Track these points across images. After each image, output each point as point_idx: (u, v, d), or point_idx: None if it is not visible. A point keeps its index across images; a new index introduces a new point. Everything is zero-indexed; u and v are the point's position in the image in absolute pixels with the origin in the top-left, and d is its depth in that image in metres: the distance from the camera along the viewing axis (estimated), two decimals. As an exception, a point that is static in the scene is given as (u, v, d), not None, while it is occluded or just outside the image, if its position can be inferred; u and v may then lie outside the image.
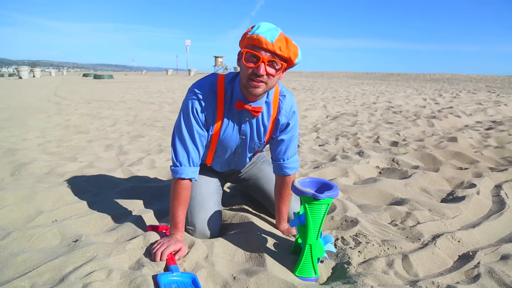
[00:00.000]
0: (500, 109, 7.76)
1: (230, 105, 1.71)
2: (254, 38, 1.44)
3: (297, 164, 1.90)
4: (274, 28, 1.47)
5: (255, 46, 1.47)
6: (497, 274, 1.53)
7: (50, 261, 1.57)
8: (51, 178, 2.90)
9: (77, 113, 7.38)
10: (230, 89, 1.70)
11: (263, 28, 1.45)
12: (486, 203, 2.43)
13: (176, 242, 1.65)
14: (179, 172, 1.71)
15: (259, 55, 1.46)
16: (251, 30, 1.47)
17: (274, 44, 1.44)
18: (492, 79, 26.99)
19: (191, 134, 1.70)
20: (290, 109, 1.78)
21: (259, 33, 1.44)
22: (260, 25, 1.47)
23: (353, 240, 1.85)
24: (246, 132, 1.79)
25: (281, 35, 1.47)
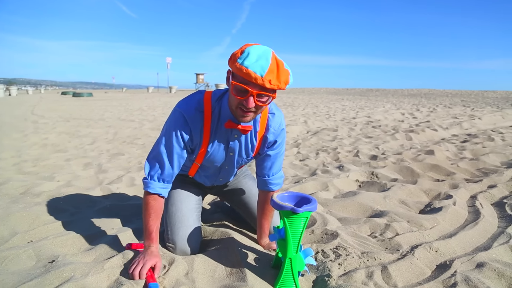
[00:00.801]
0: (474, 122, 8.01)
1: (218, 124, 1.68)
2: (243, 72, 1.36)
3: (282, 180, 1.90)
4: (264, 57, 1.38)
5: (244, 80, 1.40)
6: (472, 282, 1.56)
7: (24, 283, 1.52)
8: (26, 198, 2.83)
9: (55, 132, 7.25)
10: (218, 107, 1.67)
11: (253, 58, 1.37)
12: (462, 214, 2.49)
13: (151, 257, 1.62)
14: (147, 185, 1.69)
15: (248, 89, 1.40)
16: (240, 58, 1.38)
17: (264, 79, 1.37)
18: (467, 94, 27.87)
19: (170, 154, 1.67)
20: (279, 127, 1.76)
21: (248, 66, 1.36)
22: (250, 52, 1.38)
23: (333, 253, 1.86)
24: (234, 149, 1.78)
25: (272, 64, 1.39)
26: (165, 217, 1.95)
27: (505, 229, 2.18)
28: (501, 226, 2.29)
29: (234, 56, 1.41)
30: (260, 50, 1.40)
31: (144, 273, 1.57)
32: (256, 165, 1.89)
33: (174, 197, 1.97)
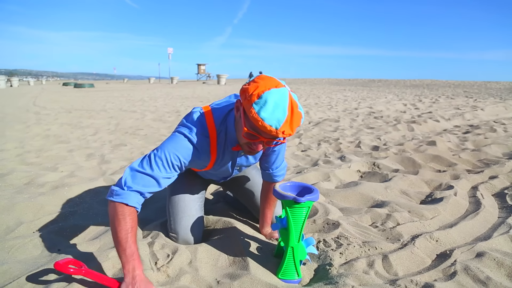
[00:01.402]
0: (477, 113, 7.99)
1: (225, 147, 1.64)
2: (259, 124, 1.30)
3: (285, 170, 1.91)
4: (281, 107, 1.30)
5: (257, 129, 1.35)
6: (472, 271, 1.58)
7: (31, 271, 1.55)
8: (31, 188, 2.86)
9: (57, 123, 7.27)
10: (224, 131, 1.61)
11: (270, 107, 1.29)
12: (463, 204, 2.50)
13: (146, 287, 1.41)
14: (122, 195, 1.45)
15: (260, 137, 1.38)
16: (257, 104, 1.29)
17: (278, 131, 1.32)
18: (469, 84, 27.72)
19: (165, 176, 1.53)
20: None
21: (265, 119, 1.29)
22: (268, 100, 1.29)
23: (334, 242, 1.88)
24: (241, 163, 1.80)
25: (288, 117, 1.32)
26: (168, 207, 1.97)
27: (505, 220, 2.19)
28: (501, 216, 2.31)
29: (250, 97, 1.32)
30: (278, 97, 1.31)
31: None
32: (260, 161, 1.87)
33: (176, 186, 1.98)
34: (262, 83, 1.33)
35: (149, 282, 1.43)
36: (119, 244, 1.43)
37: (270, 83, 1.34)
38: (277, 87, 1.33)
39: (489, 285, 1.50)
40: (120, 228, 1.43)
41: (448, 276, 1.58)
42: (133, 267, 1.41)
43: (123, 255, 1.43)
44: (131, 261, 1.42)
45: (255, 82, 1.35)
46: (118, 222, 1.43)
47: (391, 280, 1.55)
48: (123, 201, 1.44)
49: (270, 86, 1.32)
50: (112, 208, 1.45)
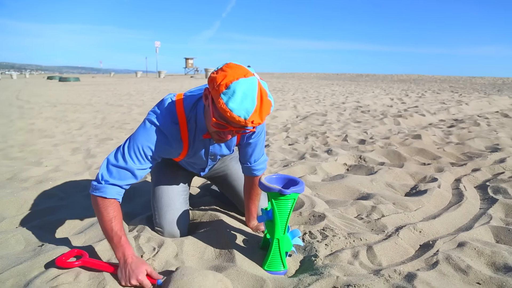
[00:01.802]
0: (461, 108, 8.11)
1: (196, 134, 1.63)
2: (228, 115, 1.28)
3: (265, 164, 1.89)
4: (250, 97, 1.28)
5: (226, 119, 1.33)
6: (453, 260, 1.62)
7: (13, 266, 1.53)
8: (13, 183, 2.82)
9: (41, 117, 7.16)
10: (193, 118, 1.59)
11: (238, 98, 1.26)
12: (446, 196, 2.55)
13: (138, 266, 1.42)
14: (101, 189, 1.49)
15: (229, 127, 1.37)
16: (225, 94, 1.27)
17: (247, 121, 1.30)
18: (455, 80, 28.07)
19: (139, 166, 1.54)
20: None
21: (233, 110, 1.27)
22: (236, 91, 1.26)
23: (320, 234, 1.90)
24: (214, 152, 1.78)
25: (257, 106, 1.30)
26: (152, 201, 1.97)
27: (486, 211, 2.24)
28: (483, 207, 2.36)
29: (218, 87, 1.28)
30: (246, 87, 1.28)
31: (145, 279, 1.41)
32: (239, 154, 1.86)
33: (160, 180, 1.97)
34: (230, 72, 1.29)
35: (142, 262, 1.46)
36: (106, 234, 1.50)
37: (239, 72, 1.30)
38: (245, 76, 1.29)
39: (469, 274, 1.54)
40: (104, 219, 1.49)
41: (430, 266, 1.61)
42: (122, 253, 1.46)
43: (112, 243, 1.49)
44: (120, 248, 1.47)
45: (223, 71, 1.31)
46: (101, 214, 1.50)
47: (375, 270, 1.58)
48: (102, 195, 1.49)
49: (238, 76, 1.28)
50: (94, 201, 1.52)
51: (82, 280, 1.43)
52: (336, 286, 1.43)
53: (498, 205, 2.33)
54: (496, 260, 1.66)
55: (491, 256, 1.68)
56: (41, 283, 1.40)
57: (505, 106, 8.79)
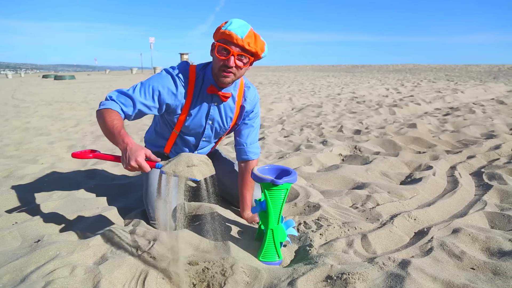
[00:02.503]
0: (457, 96, 8.13)
1: (201, 89, 1.83)
2: (226, 34, 1.59)
3: (259, 151, 2.03)
4: (244, 25, 1.62)
5: (226, 41, 1.62)
6: (448, 246, 1.63)
7: (10, 262, 1.53)
8: (10, 181, 2.81)
9: (37, 115, 7.13)
10: (202, 75, 1.83)
11: (235, 25, 1.60)
12: (441, 183, 2.56)
13: (137, 149, 1.45)
14: (105, 104, 1.66)
15: (230, 49, 1.62)
16: (224, 26, 1.62)
17: (243, 40, 1.60)
18: (451, 68, 28.08)
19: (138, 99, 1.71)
20: (254, 98, 1.97)
21: (231, 29, 1.59)
22: (233, 21, 1.62)
23: (315, 224, 1.91)
24: (213, 116, 1.91)
25: (251, 32, 1.63)
26: (144, 198, 1.99)
27: (481, 197, 2.25)
28: (477, 194, 2.37)
29: (219, 27, 1.65)
30: (241, 22, 1.63)
31: (143, 161, 1.43)
32: (235, 135, 2.03)
33: (150, 178, 2.00)
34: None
35: (141, 147, 1.47)
36: (108, 131, 1.57)
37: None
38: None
39: (464, 259, 1.55)
40: (106, 121, 1.58)
41: (424, 253, 1.63)
42: (123, 140, 1.50)
43: (113, 137, 1.54)
44: (120, 137, 1.51)
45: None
46: (104, 118, 1.59)
47: (369, 258, 1.59)
48: (105, 107, 1.64)
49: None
50: (99, 115, 1.64)
51: (77, 274, 1.43)
52: (330, 274, 1.43)
53: (493, 191, 2.34)
54: (491, 245, 1.67)
55: (485, 241, 1.70)
56: (37, 278, 1.41)
57: (500, 93, 8.82)
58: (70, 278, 1.41)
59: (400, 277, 1.39)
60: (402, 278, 1.38)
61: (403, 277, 1.39)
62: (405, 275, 1.39)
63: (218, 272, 1.50)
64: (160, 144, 2.06)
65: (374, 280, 1.40)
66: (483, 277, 1.44)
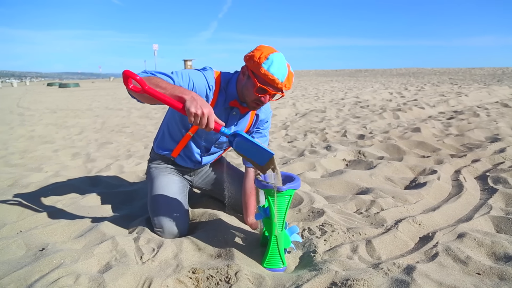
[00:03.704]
0: (461, 99, 8.10)
1: (225, 100, 1.87)
2: (270, 78, 1.64)
3: None
4: (283, 65, 1.67)
5: (267, 83, 1.67)
6: (453, 251, 1.61)
7: (14, 271, 1.53)
8: (14, 189, 2.82)
9: (41, 123, 7.18)
10: (224, 89, 1.87)
11: (276, 66, 1.64)
12: (446, 188, 2.55)
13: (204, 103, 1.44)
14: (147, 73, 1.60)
15: (268, 90, 1.68)
16: (265, 63, 1.63)
17: (283, 84, 1.68)
18: (454, 71, 28.02)
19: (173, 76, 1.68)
20: (268, 108, 2.04)
21: (274, 74, 1.64)
22: (274, 60, 1.64)
23: (319, 230, 1.90)
24: (231, 125, 1.95)
25: (289, 72, 1.70)
26: (149, 204, 1.99)
27: (486, 201, 2.24)
28: (483, 198, 2.35)
29: (258, 60, 1.65)
30: (280, 59, 1.67)
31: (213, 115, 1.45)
32: None
33: (156, 184, 2.01)
34: (265, 49, 1.67)
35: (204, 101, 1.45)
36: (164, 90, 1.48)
37: (270, 49, 1.69)
38: (276, 51, 1.69)
39: (469, 264, 1.53)
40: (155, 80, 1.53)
41: (430, 258, 1.61)
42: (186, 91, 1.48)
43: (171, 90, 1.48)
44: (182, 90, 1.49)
45: (258, 50, 1.68)
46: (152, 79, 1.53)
47: (374, 264, 1.58)
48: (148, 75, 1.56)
49: (272, 51, 1.67)
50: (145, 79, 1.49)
51: (82, 282, 1.43)
52: (335, 281, 1.43)
53: (498, 195, 2.33)
54: (497, 250, 1.66)
55: (491, 246, 1.68)
56: (41, 287, 1.40)
57: (505, 96, 8.78)
58: (74, 286, 1.40)
59: (405, 283, 1.38)
60: (407, 284, 1.37)
61: (408, 283, 1.38)
62: (410, 281, 1.38)
63: (222, 279, 1.49)
64: (169, 147, 2.05)
65: (379, 286, 1.39)
66: (489, 282, 1.43)
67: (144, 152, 4.24)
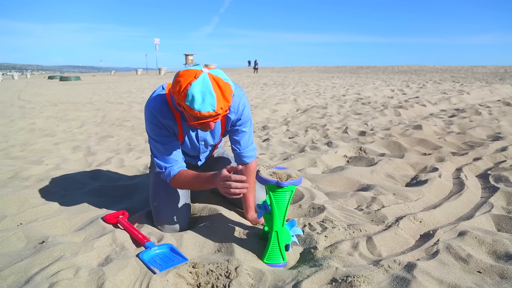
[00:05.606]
0: (463, 97, 8.07)
1: (183, 119, 1.79)
2: (198, 116, 1.48)
3: (254, 153, 2.00)
4: (208, 92, 1.45)
5: (199, 118, 1.50)
6: (454, 249, 1.61)
7: (14, 264, 1.54)
8: (15, 182, 2.82)
9: (42, 116, 7.17)
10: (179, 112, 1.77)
11: (199, 99, 1.44)
12: (447, 185, 2.54)
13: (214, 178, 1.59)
14: (169, 174, 1.78)
15: (207, 122, 1.54)
16: (187, 101, 1.45)
17: (216, 111, 1.48)
18: (456, 69, 27.93)
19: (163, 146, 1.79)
20: (238, 106, 1.82)
21: (201, 110, 1.46)
22: (194, 95, 1.44)
23: (320, 226, 1.90)
24: (204, 137, 1.93)
25: (218, 94, 1.47)
26: (151, 198, 1.99)
27: (487, 199, 2.23)
28: (484, 196, 2.35)
29: (179, 95, 1.47)
30: (201, 86, 1.45)
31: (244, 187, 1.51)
32: (230, 141, 1.99)
33: (157, 179, 1.99)
34: (183, 80, 1.46)
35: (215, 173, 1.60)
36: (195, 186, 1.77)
37: (189, 76, 1.46)
38: (196, 77, 1.45)
39: (470, 262, 1.53)
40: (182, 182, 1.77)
41: (430, 255, 1.61)
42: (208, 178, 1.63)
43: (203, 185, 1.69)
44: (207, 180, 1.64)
45: (177, 82, 1.48)
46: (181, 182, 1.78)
47: (374, 260, 1.58)
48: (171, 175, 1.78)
49: (189, 80, 1.45)
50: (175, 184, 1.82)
51: (82, 275, 1.43)
52: (335, 277, 1.42)
53: (499, 194, 2.32)
54: (497, 248, 1.65)
55: (492, 244, 1.67)
56: (41, 279, 1.41)
57: (507, 94, 8.76)
58: (74, 279, 1.41)
59: (406, 280, 1.38)
60: (408, 281, 1.37)
61: (409, 280, 1.37)
62: (411, 278, 1.38)
63: (222, 274, 1.49)
64: None
65: (380, 283, 1.39)
66: (490, 280, 1.42)
67: (144, 146, 4.24)
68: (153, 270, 1.49)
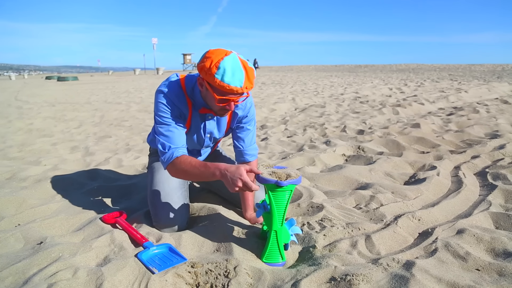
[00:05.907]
0: (461, 95, 8.08)
1: (194, 107, 1.83)
2: (227, 89, 1.54)
3: (256, 152, 2.02)
4: (238, 69, 1.55)
5: (226, 93, 1.58)
6: (452, 247, 1.61)
7: (12, 265, 1.53)
8: (12, 183, 2.81)
9: (40, 117, 7.15)
10: (191, 94, 1.81)
11: (229, 73, 1.52)
12: (446, 183, 2.54)
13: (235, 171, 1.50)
14: (168, 156, 1.70)
15: (230, 99, 1.60)
16: (218, 74, 1.52)
17: (243, 89, 1.57)
18: (454, 68, 27.93)
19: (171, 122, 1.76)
20: (246, 103, 1.90)
21: (230, 83, 1.53)
22: (225, 68, 1.52)
23: (318, 225, 1.90)
24: (210, 130, 1.93)
25: (246, 73, 1.57)
26: (149, 198, 1.98)
27: (485, 197, 2.23)
28: (482, 194, 2.35)
29: (209, 70, 1.54)
30: (233, 62, 1.55)
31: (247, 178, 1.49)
32: (232, 139, 2.02)
33: (156, 177, 2.00)
34: (214, 56, 1.55)
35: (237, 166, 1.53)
36: (196, 174, 1.65)
37: (220, 53, 1.56)
38: (226, 55, 1.55)
39: (468, 260, 1.53)
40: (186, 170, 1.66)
41: (429, 253, 1.61)
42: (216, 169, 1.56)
43: (205, 173, 1.61)
44: (210, 169, 1.58)
45: (207, 58, 1.56)
46: (185, 170, 1.67)
47: (373, 259, 1.58)
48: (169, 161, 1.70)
49: (221, 56, 1.54)
50: (172, 169, 1.72)
51: (80, 276, 1.43)
52: (334, 276, 1.42)
53: (497, 191, 2.32)
54: (496, 246, 1.66)
55: (490, 242, 1.68)
56: (39, 280, 1.40)
57: (504, 92, 8.77)
58: (72, 280, 1.40)
59: (405, 278, 1.38)
60: (407, 279, 1.37)
61: (407, 278, 1.37)
62: (410, 276, 1.38)
63: (221, 274, 1.49)
64: None
65: (379, 281, 1.39)
66: (488, 278, 1.43)
67: (142, 146, 4.23)
68: (152, 270, 1.49)
